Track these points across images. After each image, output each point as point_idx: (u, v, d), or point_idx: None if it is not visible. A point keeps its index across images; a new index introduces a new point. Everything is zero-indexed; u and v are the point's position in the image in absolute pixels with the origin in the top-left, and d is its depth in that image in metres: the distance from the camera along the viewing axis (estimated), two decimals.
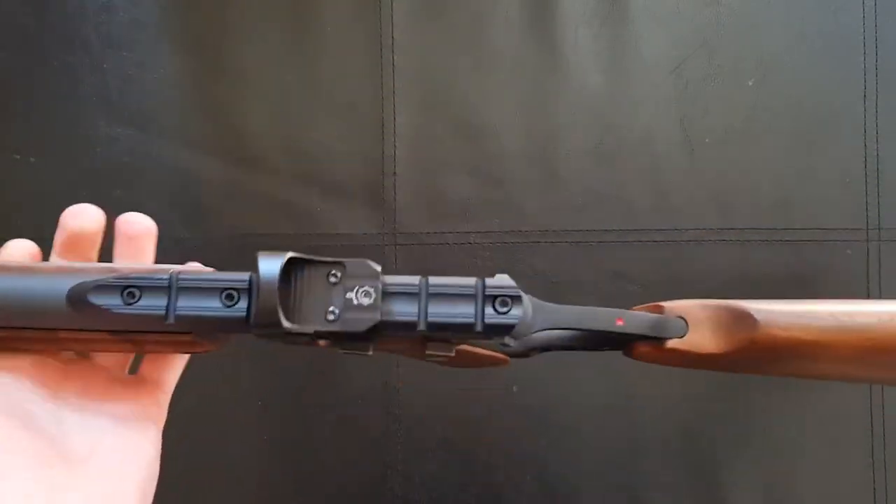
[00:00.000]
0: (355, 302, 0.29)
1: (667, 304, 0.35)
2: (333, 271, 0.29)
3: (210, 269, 0.30)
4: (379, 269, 0.29)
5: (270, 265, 0.28)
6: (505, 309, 0.29)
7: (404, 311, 0.29)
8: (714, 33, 0.55)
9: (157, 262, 0.33)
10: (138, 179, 0.56)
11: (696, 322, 0.34)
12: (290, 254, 0.28)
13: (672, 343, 0.34)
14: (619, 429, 0.55)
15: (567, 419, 0.55)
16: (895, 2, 0.55)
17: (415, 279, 0.29)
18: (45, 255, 0.32)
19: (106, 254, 0.33)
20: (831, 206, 0.55)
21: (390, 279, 0.29)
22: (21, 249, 0.32)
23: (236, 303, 0.28)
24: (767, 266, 0.54)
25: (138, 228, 0.32)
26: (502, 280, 0.30)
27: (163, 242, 0.34)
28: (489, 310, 0.29)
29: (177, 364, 0.35)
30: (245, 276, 0.29)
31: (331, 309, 0.29)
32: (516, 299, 0.29)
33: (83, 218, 0.32)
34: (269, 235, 0.56)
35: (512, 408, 0.55)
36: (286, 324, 0.28)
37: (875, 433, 0.54)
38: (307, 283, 0.29)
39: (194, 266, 0.31)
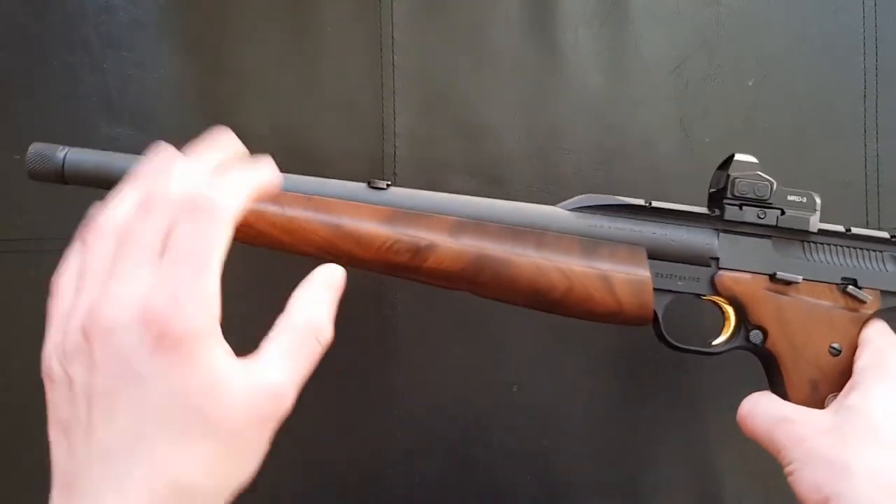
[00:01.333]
0: None
1: None
2: None
3: None
4: None
5: None
6: None
7: None
8: (714, 33, 0.55)
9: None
10: None
11: None
12: None
13: None
14: (620, 428, 0.55)
15: (567, 419, 0.55)
16: (895, 2, 0.55)
17: None
18: None
19: None
20: (831, 206, 0.54)
21: None
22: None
23: None
24: None
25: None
26: None
27: None
28: None
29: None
30: None
31: None
32: None
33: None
34: None
35: (512, 408, 0.55)
36: None
37: None
38: None
39: None
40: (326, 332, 0.30)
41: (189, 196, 0.28)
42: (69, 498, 0.26)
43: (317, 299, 0.30)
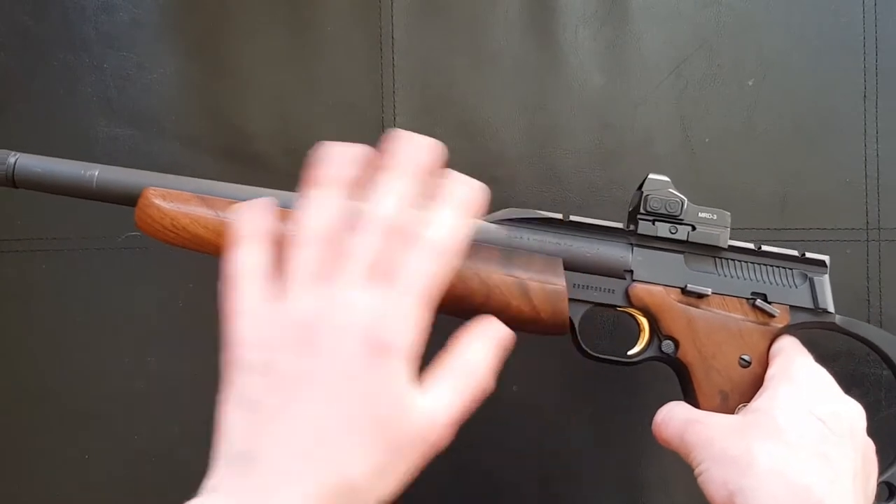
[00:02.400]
0: None
1: None
2: None
3: None
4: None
5: None
6: None
7: None
8: (714, 33, 0.55)
9: None
10: None
11: None
12: None
13: None
14: (620, 429, 0.55)
15: (568, 419, 0.55)
16: (895, 2, 0.55)
17: None
18: None
19: None
20: (831, 206, 0.55)
21: None
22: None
23: None
24: None
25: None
26: None
27: None
28: None
29: None
30: None
31: None
32: None
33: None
34: None
35: (512, 407, 0.55)
36: None
37: None
38: None
39: None
40: (489, 384, 0.33)
41: (413, 227, 0.31)
42: (247, 469, 0.28)
43: (487, 350, 0.33)
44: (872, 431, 0.40)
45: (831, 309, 0.44)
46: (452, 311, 0.42)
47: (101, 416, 0.56)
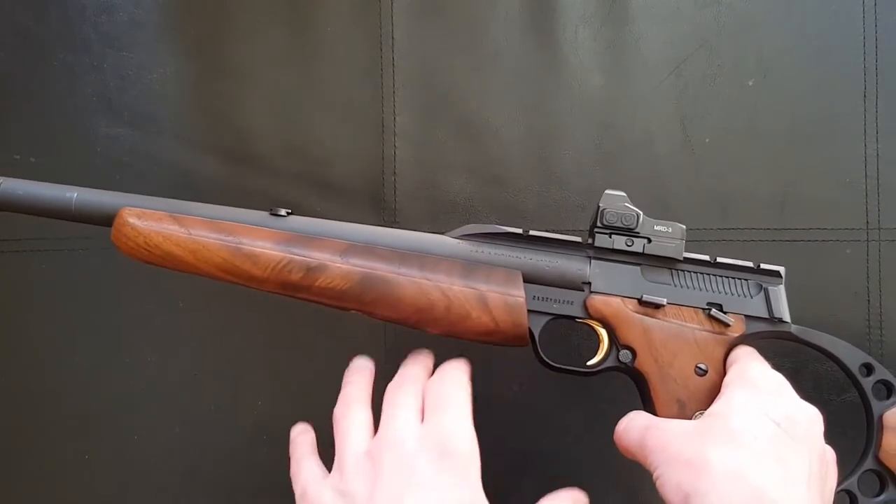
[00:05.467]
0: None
1: None
2: None
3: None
4: None
5: None
6: None
7: None
8: (714, 33, 0.55)
9: None
10: (138, 179, 0.56)
11: None
12: None
13: None
14: None
15: (567, 419, 0.55)
16: (895, 2, 0.55)
17: None
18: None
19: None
20: (831, 206, 0.55)
21: None
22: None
23: None
24: None
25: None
26: None
27: None
28: None
29: None
30: None
31: None
32: None
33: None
34: None
35: (512, 407, 0.55)
36: None
37: None
38: None
39: None
40: None
41: (440, 371, 0.42)
42: None
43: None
44: (831, 439, 0.40)
45: (787, 318, 0.45)
46: (415, 322, 0.44)
47: (101, 416, 0.56)
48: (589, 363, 0.45)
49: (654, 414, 0.43)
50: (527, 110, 0.55)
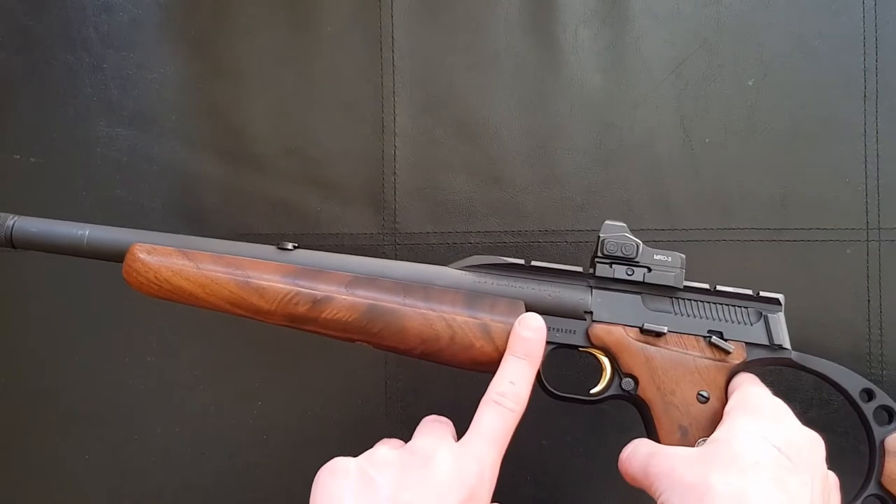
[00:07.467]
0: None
1: None
2: None
3: None
4: None
5: None
6: None
7: None
8: (714, 33, 0.55)
9: None
10: (138, 179, 0.56)
11: None
12: None
13: None
14: (620, 429, 0.55)
15: (567, 419, 0.55)
16: (895, 2, 0.55)
17: None
18: None
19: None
20: (831, 206, 0.55)
21: None
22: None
23: None
24: (767, 266, 0.54)
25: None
26: None
27: None
28: None
29: None
30: None
31: None
32: None
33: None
34: (269, 235, 0.56)
35: None
36: None
37: None
38: None
39: None
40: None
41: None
42: None
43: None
44: (834, 464, 0.40)
45: (787, 345, 0.45)
46: (420, 353, 0.44)
47: (101, 416, 0.56)
48: (592, 391, 0.46)
49: (658, 441, 0.44)
50: (527, 110, 0.55)
